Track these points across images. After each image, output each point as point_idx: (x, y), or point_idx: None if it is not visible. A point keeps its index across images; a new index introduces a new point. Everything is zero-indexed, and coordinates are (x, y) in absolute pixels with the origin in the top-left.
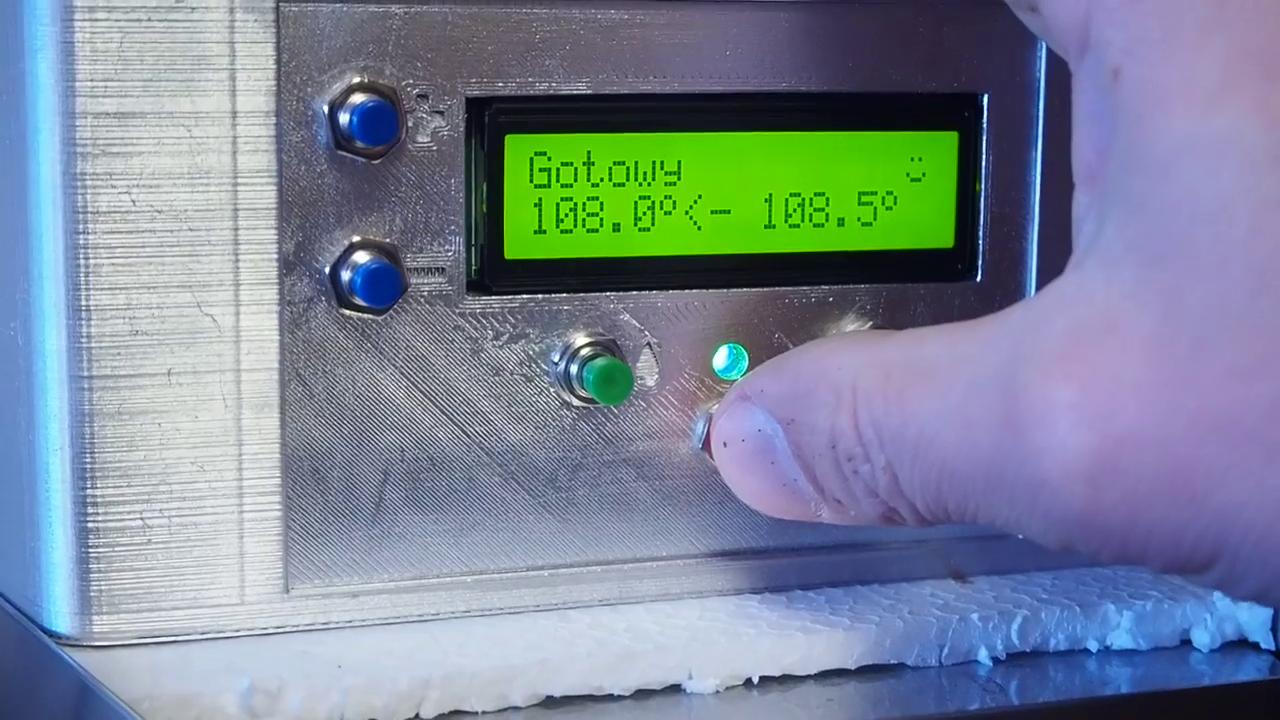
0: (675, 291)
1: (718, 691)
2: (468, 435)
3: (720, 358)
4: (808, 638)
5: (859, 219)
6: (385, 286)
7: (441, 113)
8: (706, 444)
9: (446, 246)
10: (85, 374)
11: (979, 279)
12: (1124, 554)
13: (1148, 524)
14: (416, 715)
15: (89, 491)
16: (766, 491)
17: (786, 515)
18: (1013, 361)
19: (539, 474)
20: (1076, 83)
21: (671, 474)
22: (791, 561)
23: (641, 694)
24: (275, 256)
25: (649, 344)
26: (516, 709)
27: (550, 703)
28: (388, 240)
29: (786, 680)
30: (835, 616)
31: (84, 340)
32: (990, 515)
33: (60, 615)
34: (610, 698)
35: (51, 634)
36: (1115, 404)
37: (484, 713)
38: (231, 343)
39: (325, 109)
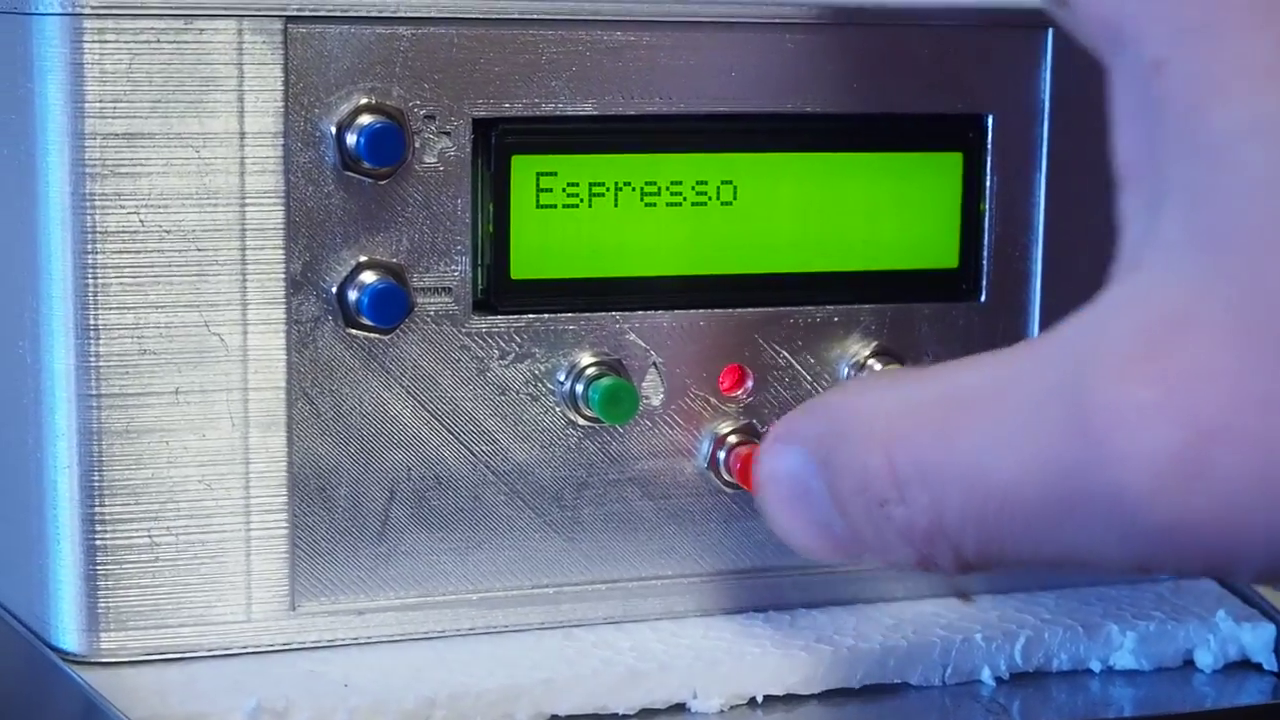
0: (680, 311)
1: (722, 711)
2: (473, 454)
3: (725, 377)
4: (812, 657)
5: (863, 239)
6: (392, 306)
7: (448, 134)
8: (712, 464)
9: (453, 266)
10: (93, 392)
11: (983, 299)
12: (1211, 562)
13: (1239, 526)
14: None
15: (97, 509)
16: (806, 534)
17: (829, 558)
18: (1078, 373)
19: (544, 493)
20: (1114, 79)
21: (677, 493)
22: (795, 580)
23: (646, 713)
24: (283, 276)
25: (654, 363)
26: None
27: None
28: (394, 260)
29: (790, 700)
30: (839, 636)
31: (92, 359)
32: (1055, 546)
33: (68, 632)
34: (615, 717)
35: (59, 651)
36: (1200, 399)
37: None
38: (239, 362)
39: (333, 130)
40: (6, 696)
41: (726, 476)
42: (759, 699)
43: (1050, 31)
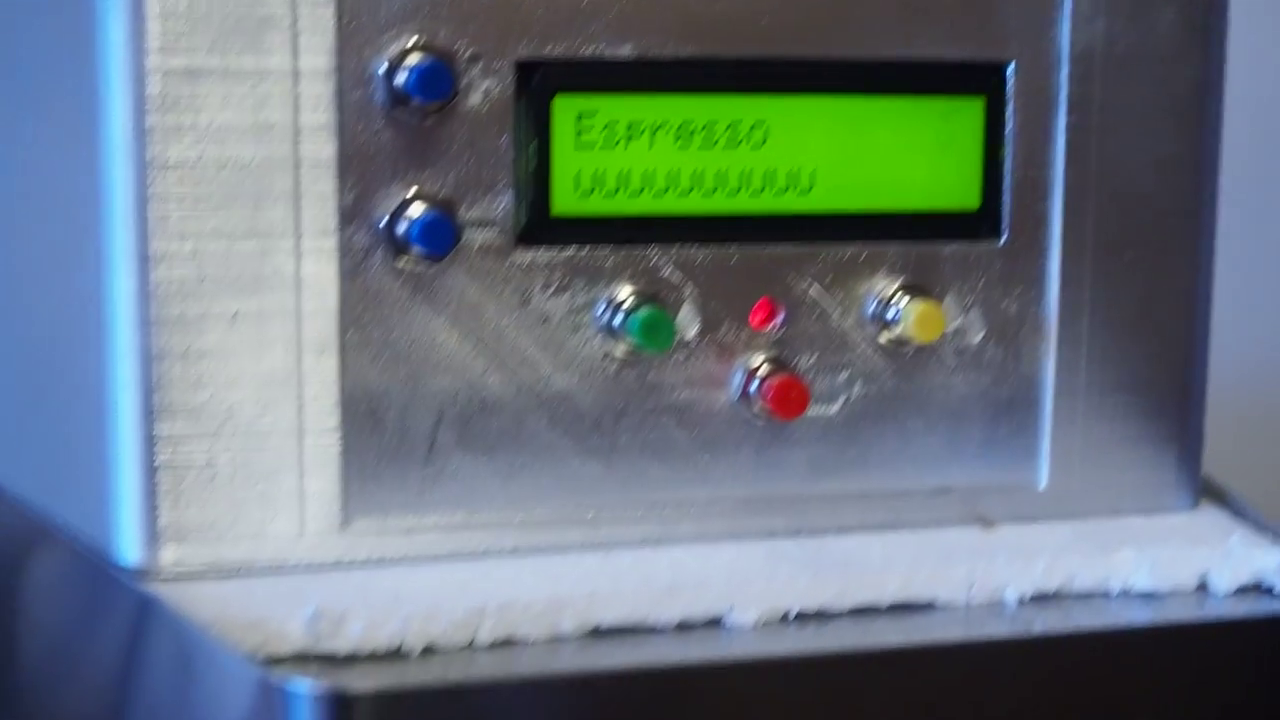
0: (715, 247)
1: (756, 626)
2: (517, 382)
3: (757, 311)
4: (841, 576)
5: (889, 180)
6: (440, 235)
7: (493, 74)
8: (744, 395)
9: (497, 202)
10: (154, 317)
11: (1003, 241)
12: None
13: None
14: (472, 642)
15: (157, 429)
16: None
17: None
18: None
19: (584, 420)
20: None
21: (710, 422)
22: (825, 507)
23: (684, 627)
24: (335, 208)
25: (689, 297)
26: (566, 639)
27: (598, 633)
28: (442, 194)
29: (822, 616)
30: (868, 557)
31: (153, 285)
32: None
33: (129, 548)
34: (654, 631)
35: (120, 567)
36: None
37: (535, 642)
38: (293, 290)
39: (383, 68)
40: (71, 612)
41: (758, 407)
42: (792, 614)
43: None
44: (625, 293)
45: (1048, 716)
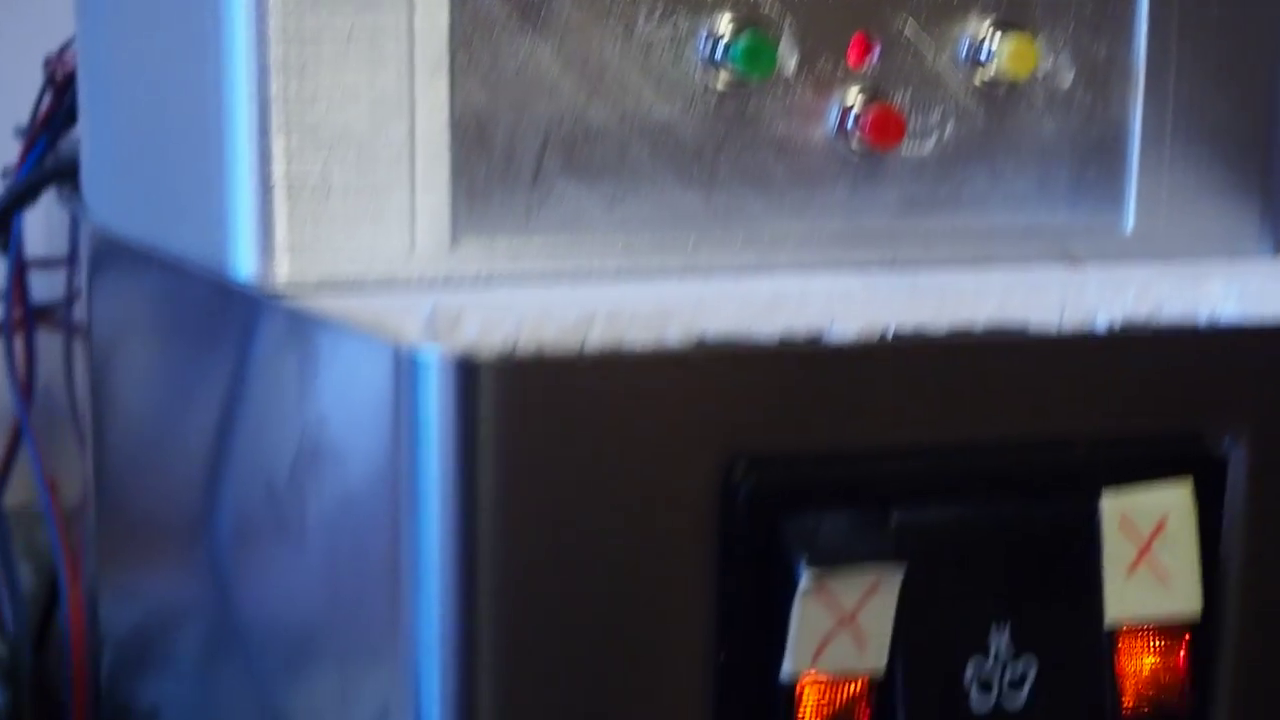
0: None
1: (857, 339)
2: (620, 110)
3: (853, 47)
4: (937, 299)
5: None
6: None
7: None
8: (840, 129)
9: None
10: (270, 31)
11: None
12: None
13: None
14: (582, 347)
15: (273, 145)
16: None
17: None
18: None
19: (685, 150)
20: None
21: (807, 155)
22: (917, 241)
23: (785, 344)
24: None
25: (788, 30)
26: (672, 349)
27: (702, 345)
28: None
29: (919, 335)
30: (961, 286)
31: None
32: None
33: (244, 263)
34: (756, 345)
35: (238, 283)
36: None
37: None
38: (405, 8)
39: None
40: (187, 331)
41: (854, 141)
42: (890, 331)
43: None
44: (725, 23)
45: (1144, 412)
